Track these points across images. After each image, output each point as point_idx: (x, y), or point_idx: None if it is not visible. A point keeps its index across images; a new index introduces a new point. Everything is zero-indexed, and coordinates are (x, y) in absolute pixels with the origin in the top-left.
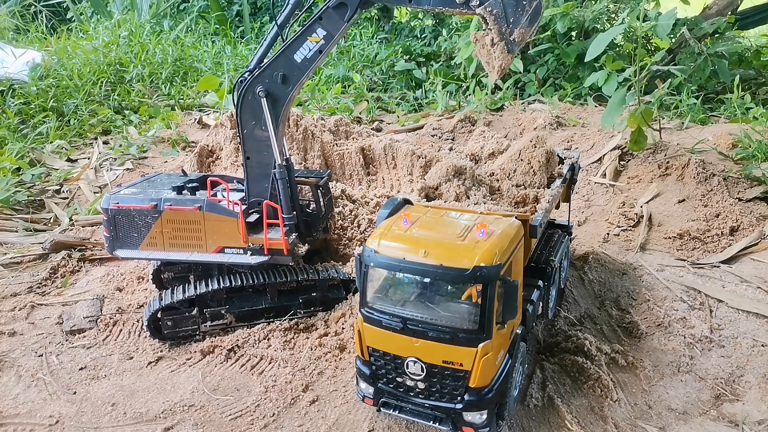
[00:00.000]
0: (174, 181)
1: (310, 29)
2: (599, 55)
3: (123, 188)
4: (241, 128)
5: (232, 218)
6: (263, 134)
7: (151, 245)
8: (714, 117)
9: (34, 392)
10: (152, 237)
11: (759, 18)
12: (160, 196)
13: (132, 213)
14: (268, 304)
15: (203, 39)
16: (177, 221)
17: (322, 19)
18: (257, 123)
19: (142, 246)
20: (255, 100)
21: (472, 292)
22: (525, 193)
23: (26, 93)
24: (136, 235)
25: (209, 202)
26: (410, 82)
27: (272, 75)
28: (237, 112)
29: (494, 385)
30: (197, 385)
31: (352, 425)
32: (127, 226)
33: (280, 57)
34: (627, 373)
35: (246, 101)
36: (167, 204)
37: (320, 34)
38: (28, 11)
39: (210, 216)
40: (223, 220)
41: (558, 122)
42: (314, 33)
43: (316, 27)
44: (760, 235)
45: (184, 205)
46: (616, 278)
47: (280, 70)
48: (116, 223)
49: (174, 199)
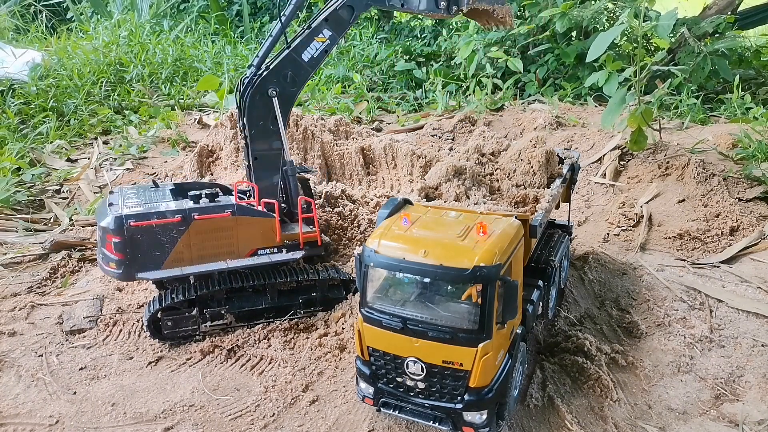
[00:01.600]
0: (148, 195)
1: (317, 30)
2: (599, 55)
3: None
4: (249, 129)
5: (265, 219)
6: (272, 134)
7: (177, 261)
8: (714, 117)
9: (34, 392)
10: (178, 252)
11: (759, 18)
12: (183, 206)
13: (155, 229)
14: (268, 304)
15: (203, 39)
16: (207, 231)
17: (329, 21)
18: (265, 123)
19: (167, 264)
20: (263, 100)
21: (472, 292)
22: (525, 193)
23: (26, 93)
24: (159, 253)
25: (240, 206)
26: (410, 82)
27: (281, 75)
28: (243, 113)
29: (494, 385)
30: (197, 385)
31: (352, 425)
32: (149, 244)
33: (287, 57)
34: (627, 373)
35: (254, 101)
36: (195, 214)
37: (326, 35)
38: (28, 11)
39: (242, 220)
40: (256, 221)
41: (558, 122)
42: (320, 33)
43: (323, 28)
44: (760, 235)
45: (215, 213)
46: (616, 278)
47: (288, 70)
48: (134, 243)
49: (200, 208)
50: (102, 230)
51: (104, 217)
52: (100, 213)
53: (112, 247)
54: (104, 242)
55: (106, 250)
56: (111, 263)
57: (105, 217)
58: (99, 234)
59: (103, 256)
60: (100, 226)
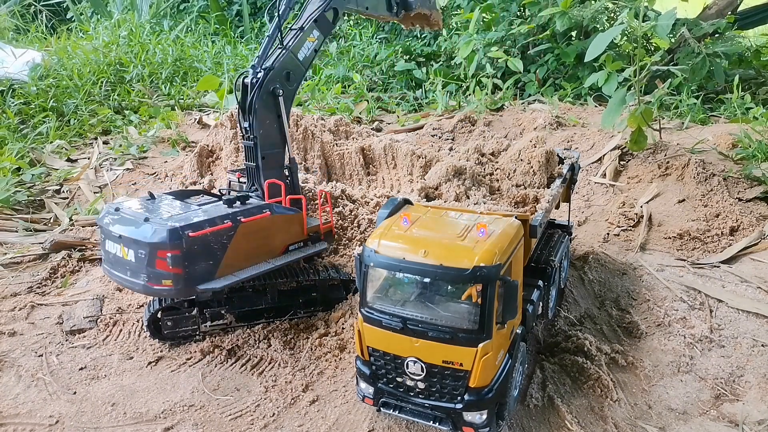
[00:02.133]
0: (157, 206)
1: (309, 30)
2: (599, 55)
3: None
4: (257, 129)
5: (295, 214)
6: (277, 132)
7: (228, 267)
8: (714, 117)
9: (34, 392)
10: (228, 258)
11: (759, 18)
12: (229, 211)
13: (209, 238)
14: (268, 304)
15: (203, 39)
16: (251, 233)
17: (318, 21)
18: (271, 122)
19: (219, 272)
20: (270, 100)
21: (472, 292)
22: (525, 193)
23: (26, 93)
24: (212, 262)
25: (273, 205)
26: (410, 82)
27: (281, 74)
28: (249, 114)
29: (494, 385)
30: (197, 385)
31: (352, 425)
32: (203, 255)
33: (288, 56)
34: (627, 373)
35: (262, 102)
36: (241, 217)
37: (315, 35)
38: (28, 11)
39: (278, 218)
40: (288, 218)
41: (558, 122)
42: (311, 33)
43: (313, 28)
44: (760, 235)
45: (258, 214)
46: (616, 278)
47: (288, 69)
48: (192, 255)
49: (244, 210)
50: (150, 247)
51: (148, 232)
52: (138, 230)
53: (168, 262)
54: (152, 260)
55: (155, 268)
56: (165, 281)
57: (149, 232)
58: (141, 252)
59: (148, 276)
60: (145, 243)
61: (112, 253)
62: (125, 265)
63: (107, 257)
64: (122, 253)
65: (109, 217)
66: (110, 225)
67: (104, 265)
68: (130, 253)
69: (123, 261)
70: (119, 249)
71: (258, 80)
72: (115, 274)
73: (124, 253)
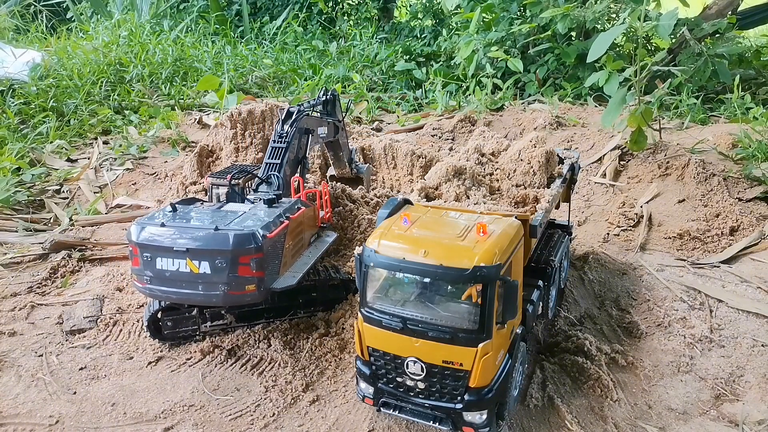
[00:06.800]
0: (186, 216)
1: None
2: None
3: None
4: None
5: (312, 207)
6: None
7: (285, 265)
8: (714, 117)
9: (34, 392)
10: (285, 257)
11: (759, 18)
12: (277, 211)
13: (278, 239)
14: (268, 305)
15: (203, 39)
16: (294, 229)
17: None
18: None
19: (281, 270)
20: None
21: (472, 292)
22: (525, 193)
23: (26, 93)
24: (278, 261)
25: (301, 201)
26: (410, 82)
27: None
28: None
29: (494, 385)
30: (197, 385)
31: (352, 425)
32: (274, 256)
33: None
34: (627, 373)
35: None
36: (289, 215)
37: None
38: (28, 11)
39: (308, 212)
40: (311, 212)
41: (558, 122)
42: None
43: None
44: (760, 235)
45: (298, 211)
46: (616, 278)
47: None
48: (269, 257)
49: (288, 207)
50: (233, 254)
51: (227, 240)
52: (214, 239)
53: (252, 267)
54: (234, 267)
55: (238, 274)
56: (249, 286)
57: (229, 239)
58: (220, 262)
59: (229, 284)
60: (227, 251)
61: (170, 271)
62: (196, 279)
63: (158, 276)
64: (190, 267)
65: (156, 234)
66: (163, 241)
67: (151, 286)
68: (203, 266)
69: (191, 276)
70: (183, 264)
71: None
72: (175, 292)
73: (193, 267)
